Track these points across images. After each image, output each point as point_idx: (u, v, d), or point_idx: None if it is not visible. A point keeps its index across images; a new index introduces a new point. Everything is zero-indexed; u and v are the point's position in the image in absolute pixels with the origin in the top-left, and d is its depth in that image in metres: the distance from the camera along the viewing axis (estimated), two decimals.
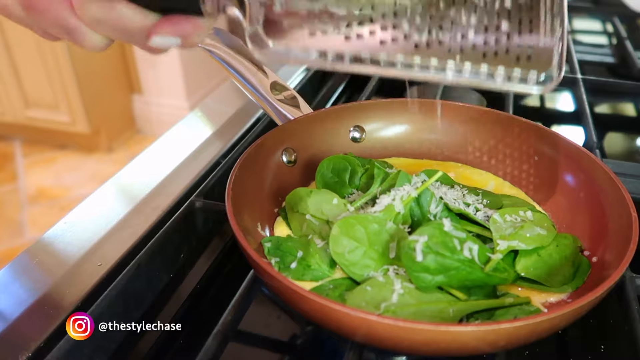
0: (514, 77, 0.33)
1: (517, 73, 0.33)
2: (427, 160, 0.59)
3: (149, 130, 2.52)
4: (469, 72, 0.33)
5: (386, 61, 0.33)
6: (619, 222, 0.43)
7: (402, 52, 0.33)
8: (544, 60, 0.34)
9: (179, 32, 0.31)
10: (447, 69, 0.33)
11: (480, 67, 0.33)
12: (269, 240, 0.45)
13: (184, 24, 0.31)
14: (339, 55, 0.32)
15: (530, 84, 0.34)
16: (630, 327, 0.40)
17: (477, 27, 0.34)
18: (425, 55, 0.33)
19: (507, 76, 0.33)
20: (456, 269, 0.39)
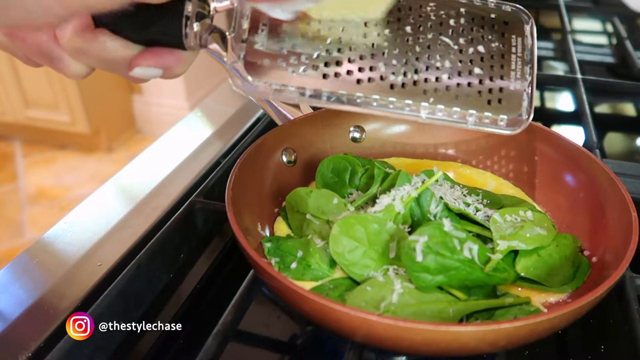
0: (485, 120, 0.35)
1: (488, 115, 0.35)
2: (427, 160, 0.59)
3: (149, 130, 2.52)
4: (442, 113, 0.35)
5: (363, 100, 0.34)
6: (619, 222, 0.43)
7: (378, 92, 0.34)
8: (513, 104, 0.36)
9: (161, 64, 0.31)
10: (421, 109, 0.34)
11: (452, 109, 0.35)
12: (269, 240, 0.45)
13: (166, 57, 0.32)
14: (316, 92, 0.33)
15: (500, 127, 0.36)
16: (630, 327, 0.40)
17: (451, 71, 0.35)
18: (401, 95, 0.34)
19: (479, 118, 0.35)
20: (456, 269, 0.39)
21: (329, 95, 0.33)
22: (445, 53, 0.36)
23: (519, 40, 0.38)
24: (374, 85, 0.34)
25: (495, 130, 0.35)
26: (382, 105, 0.34)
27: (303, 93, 0.33)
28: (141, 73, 0.31)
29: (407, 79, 0.35)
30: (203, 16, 0.32)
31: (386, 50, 0.35)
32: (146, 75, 0.32)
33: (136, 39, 0.31)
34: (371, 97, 0.34)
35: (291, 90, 0.33)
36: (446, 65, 0.35)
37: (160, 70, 0.32)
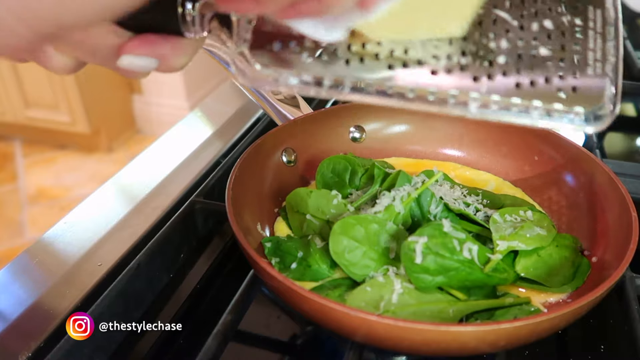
0: (555, 113, 0.27)
1: (559, 108, 0.27)
2: (427, 160, 0.59)
3: (149, 130, 2.52)
4: (497, 106, 0.27)
5: (394, 91, 0.27)
6: (619, 222, 0.43)
7: (414, 79, 0.27)
8: (593, 93, 0.28)
9: (154, 52, 0.27)
10: (471, 101, 0.27)
11: (511, 101, 0.27)
12: (269, 240, 0.45)
13: (160, 44, 0.27)
14: (337, 82, 0.27)
15: (575, 122, 0.28)
16: (630, 327, 0.40)
17: (509, 53, 0.28)
18: (444, 84, 0.27)
19: (546, 111, 0.27)
20: (456, 269, 0.39)
21: (353, 85, 0.27)
22: (502, 31, 0.28)
23: (597, 13, 0.30)
24: (410, 71, 0.27)
25: (570, 124, 0.28)
26: (420, 98, 0.27)
27: (320, 82, 0.27)
28: (130, 63, 0.26)
29: (451, 63, 0.27)
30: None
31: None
32: (136, 65, 0.27)
33: (125, 24, 0.26)
34: (405, 87, 0.27)
35: (307, 78, 0.27)
36: (502, 46, 0.28)
37: (153, 60, 0.27)
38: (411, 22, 0.28)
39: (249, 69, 0.27)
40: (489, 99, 0.27)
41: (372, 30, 0.27)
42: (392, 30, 0.28)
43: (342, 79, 0.27)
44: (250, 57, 0.27)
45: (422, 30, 0.28)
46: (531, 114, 0.27)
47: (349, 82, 0.27)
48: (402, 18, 0.27)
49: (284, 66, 0.28)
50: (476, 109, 0.27)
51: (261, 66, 0.27)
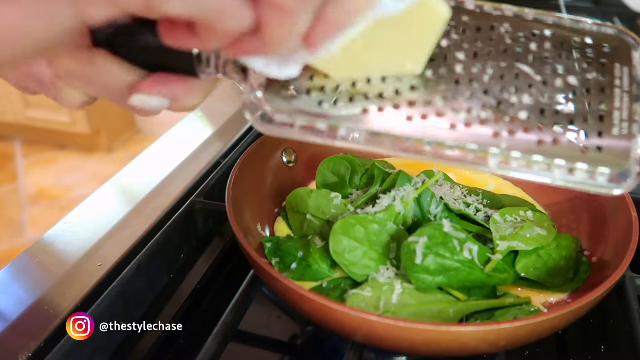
0: (578, 173, 0.27)
1: (582, 167, 0.27)
2: None
3: (149, 130, 2.52)
4: (518, 163, 0.26)
5: (410, 145, 0.26)
6: (619, 222, 0.43)
7: (431, 133, 0.26)
8: (618, 153, 0.27)
9: (167, 92, 0.26)
10: (490, 157, 0.26)
11: (533, 158, 0.26)
12: (269, 240, 0.45)
13: (174, 84, 0.26)
14: (349, 132, 0.27)
15: (599, 183, 0.27)
16: (630, 327, 0.40)
17: (531, 108, 0.27)
18: (463, 138, 0.26)
19: (569, 170, 0.27)
20: (456, 269, 0.39)
21: (367, 137, 0.26)
22: (524, 85, 0.27)
23: (624, 71, 0.29)
24: (426, 125, 0.27)
25: (593, 188, 0.27)
26: (436, 152, 0.26)
27: (334, 135, 0.26)
28: (142, 102, 0.26)
29: (471, 117, 0.27)
30: None
31: (441, 81, 0.27)
32: (148, 105, 0.26)
33: (139, 62, 0.26)
34: (422, 140, 0.26)
35: (321, 127, 0.26)
36: (524, 101, 0.27)
37: (165, 100, 0.26)
38: (366, 59, 0.27)
39: (263, 114, 0.27)
40: (510, 155, 0.27)
41: (329, 68, 0.27)
42: (347, 67, 0.27)
43: (352, 130, 0.27)
44: (265, 103, 0.27)
45: (376, 68, 0.28)
46: (553, 172, 0.27)
47: (362, 133, 0.27)
48: (356, 54, 0.27)
49: (298, 113, 0.27)
50: (496, 165, 0.27)
51: (274, 113, 0.27)
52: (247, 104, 0.27)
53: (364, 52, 0.27)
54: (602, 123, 0.27)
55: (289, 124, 0.27)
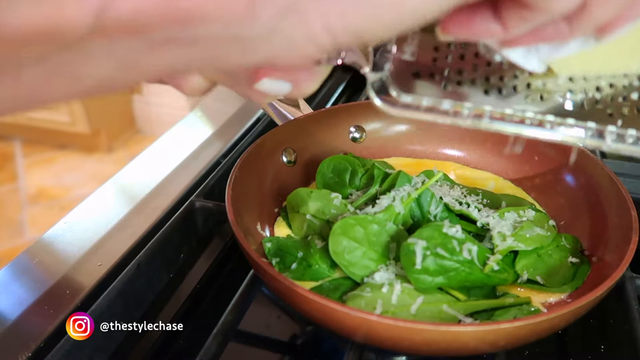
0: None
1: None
2: (427, 160, 0.59)
3: (149, 130, 2.52)
4: (632, 139, 0.27)
5: (534, 121, 0.27)
6: (619, 222, 0.43)
7: (553, 111, 0.27)
8: None
9: (291, 77, 0.26)
10: (607, 134, 0.27)
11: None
12: (270, 241, 0.45)
13: (298, 69, 0.26)
14: (478, 112, 0.27)
15: None
16: (630, 327, 0.40)
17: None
18: (580, 117, 0.27)
19: None
20: (455, 270, 0.39)
21: (491, 116, 0.27)
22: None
23: None
24: (549, 104, 0.28)
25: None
26: (559, 129, 0.27)
27: (459, 113, 0.27)
28: (268, 86, 0.26)
29: (589, 98, 0.28)
30: None
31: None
32: (273, 89, 0.26)
33: None
34: (545, 119, 0.27)
35: (446, 108, 0.27)
36: (635, 84, 0.28)
37: (289, 84, 0.26)
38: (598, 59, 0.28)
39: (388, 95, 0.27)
40: (625, 132, 0.27)
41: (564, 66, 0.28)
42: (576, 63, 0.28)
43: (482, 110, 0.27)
44: (390, 85, 0.27)
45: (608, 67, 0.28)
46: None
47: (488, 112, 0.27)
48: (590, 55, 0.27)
49: (424, 94, 0.27)
50: (612, 141, 0.27)
51: (399, 93, 0.27)
52: (373, 86, 0.27)
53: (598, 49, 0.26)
54: None
55: (415, 105, 0.27)
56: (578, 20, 0.22)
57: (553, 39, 0.23)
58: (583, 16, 0.22)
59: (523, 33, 0.23)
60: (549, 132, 0.27)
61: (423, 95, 0.27)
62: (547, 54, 0.26)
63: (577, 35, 0.23)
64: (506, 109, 0.27)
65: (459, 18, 0.23)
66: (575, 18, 0.22)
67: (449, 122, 0.27)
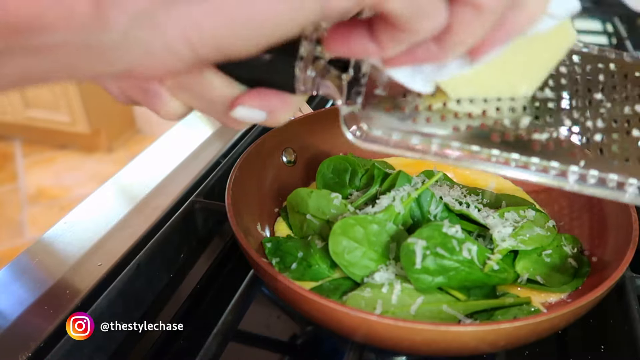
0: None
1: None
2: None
3: (149, 130, 2.52)
4: (594, 180, 0.28)
5: (500, 158, 0.28)
6: (619, 222, 0.43)
7: (518, 150, 0.28)
8: None
9: (267, 106, 0.28)
10: (570, 174, 0.28)
11: (608, 176, 0.28)
12: (270, 241, 0.45)
13: (272, 99, 0.28)
14: (443, 148, 0.28)
15: None
16: (630, 327, 0.40)
17: (605, 132, 0.29)
18: (544, 157, 0.28)
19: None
20: (455, 269, 0.39)
21: (460, 153, 0.28)
22: (596, 111, 0.30)
23: None
24: (513, 143, 0.28)
25: None
26: (523, 167, 0.28)
27: (427, 150, 0.27)
28: (243, 114, 0.27)
29: (552, 138, 0.29)
30: (317, 58, 0.28)
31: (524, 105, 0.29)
32: (248, 117, 0.28)
33: (242, 78, 0.27)
34: (510, 157, 0.28)
35: (414, 144, 0.27)
36: (598, 125, 0.29)
37: (263, 113, 0.28)
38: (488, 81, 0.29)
39: (358, 128, 0.27)
40: (587, 172, 0.28)
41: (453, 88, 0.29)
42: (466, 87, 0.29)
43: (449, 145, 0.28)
44: (361, 117, 0.27)
45: (498, 89, 0.29)
46: (626, 190, 0.28)
47: (455, 148, 0.28)
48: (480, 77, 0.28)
49: (394, 127, 0.28)
50: (574, 182, 0.28)
51: (369, 127, 0.27)
52: (345, 119, 0.28)
53: (485, 73, 0.28)
54: None
55: (385, 140, 0.27)
56: (445, 42, 0.23)
57: (426, 59, 0.24)
58: (448, 38, 0.22)
59: (398, 53, 0.23)
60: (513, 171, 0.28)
61: (393, 130, 0.27)
62: (430, 75, 0.27)
63: (448, 56, 0.24)
64: (473, 147, 0.28)
65: (337, 35, 0.24)
66: (442, 40, 0.22)
67: (417, 157, 0.28)
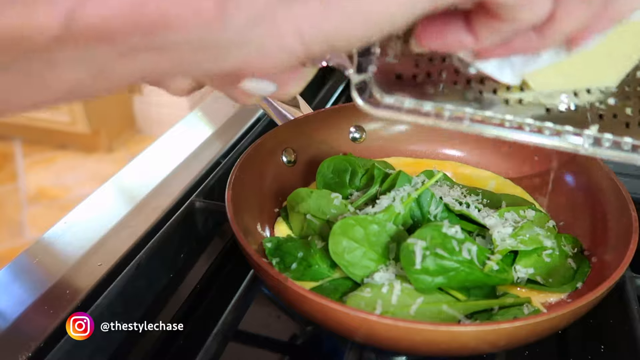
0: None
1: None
2: (427, 160, 0.59)
3: (149, 130, 2.52)
4: (609, 143, 0.28)
5: (514, 124, 0.28)
6: (619, 222, 0.43)
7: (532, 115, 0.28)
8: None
9: (277, 77, 0.27)
10: (584, 137, 0.28)
11: (623, 140, 0.28)
12: (270, 241, 0.45)
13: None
14: (458, 115, 0.28)
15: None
16: (630, 327, 0.40)
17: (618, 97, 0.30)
18: (559, 121, 0.28)
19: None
20: (455, 270, 0.39)
21: (472, 118, 0.28)
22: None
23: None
24: (527, 107, 0.29)
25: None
26: (536, 132, 0.28)
27: (441, 115, 0.27)
28: (252, 86, 0.26)
29: (565, 102, 0.29)
30: None
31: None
32: (258, 89, 0.26)
33: None
34: (524, 121, 0.28)
35: (427, 110, 0.27)
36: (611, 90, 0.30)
37: (273, 85, 0.27)
38: (574, 72, 0.29)
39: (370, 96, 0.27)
40: (602, 136, 0.28)
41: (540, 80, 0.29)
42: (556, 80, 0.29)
43: (463, 112, 0.28)
44: (373, 87, 0.27)
45: (583, 81, 0.29)
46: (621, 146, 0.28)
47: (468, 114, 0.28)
48: (566, 68, 0.28)
49: (406, 96, 0.27)
50: (589, 145, 0.28)
51: (382, 95, 0.27)
52: (357, 87, 0.27)
53: (571, 63, 0.27)
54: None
55: (397, 106, 0.27)
56: (547, 31, 0.22)
57: (524, 50, 0.24)
58: (551, 27, 0.22)
59: (495, 44, 0.23)
60: (527, 135, 0.28)
61: (405, 97, 0.27)
62: (520, 67, 0.27)
63: (547, 46, 0.23)
64: (486, 112, 0.28)
65: (432, 29, 0.23)
66: (544, 29, 0.22)
67: (430, 123, 0.27)
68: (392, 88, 0.27)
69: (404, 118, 0.27)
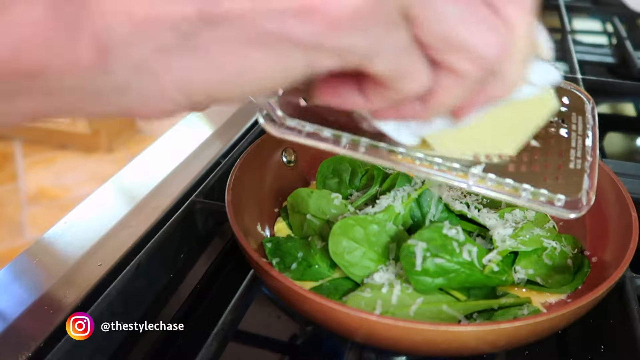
0: (540, 198, 0.31)
1: (544, 192, 0.31)
2: None
3: (149, 130, 2.52)
4: (492, 183, 0.31)
5: (405, 155, 0.30)
6: (619, 222, 0.43)
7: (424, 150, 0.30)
8: (572, 184, 0.32)
9: None
10: (470, 176, 0.30)
11: (505, 181, 0.31)
12: (270, 241, 0.45)
13: None
14: (354, 141, 0.29)
15: (556, 208, 0.31)
16: (630, 327, 0.40)
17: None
18: (448, 158, 0.30)
19: (533, 195, 0.31)
20: (456, 271, 0.39)
21: (368, 146, 0.29)
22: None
23: (579, 119, 0.36)
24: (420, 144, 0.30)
25: (551, 211, 0.32)
26: (426, 166, 0.30)
27: (338, 141, 0.29)
28: None
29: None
30: None
31: None
32: None
33: None
34: (415, 155, 0.30)
35: (326, 135, 0.29)
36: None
37: None
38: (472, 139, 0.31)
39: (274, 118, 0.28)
40: (486, 176, 0.31)
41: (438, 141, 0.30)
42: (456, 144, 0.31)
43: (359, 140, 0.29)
44: (277, 107, 0.28)
45: (482, 148, 0.31)
46: (520, 195, 0.31)
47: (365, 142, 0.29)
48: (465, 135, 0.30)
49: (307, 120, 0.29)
50: (473, 183, 0.31)
51: (284, 116, 0.28)
52: (261, 106, 0.28)
53: (469, 131, 0.29)
54: (561, 157, 0.34)
55: (298, 130, 0.28)
56: (429, 102, 0.24)
57: (412, 116, 0.25)
58: (431, 99, 0.23)
59: (385, 108, 0.24)
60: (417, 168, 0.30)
61: (307, 121, 0.29)
62: (416, 129, 0.28)
63: (432, 115, 0.25)
64: (380, 143, 0.29)
65: (328, 87, 0.24)
66: (427, 100, 0.23)
67: (329, 148, 0.29)
68: (295, 112, 0.29)
69: (303, 141, 0.29)
